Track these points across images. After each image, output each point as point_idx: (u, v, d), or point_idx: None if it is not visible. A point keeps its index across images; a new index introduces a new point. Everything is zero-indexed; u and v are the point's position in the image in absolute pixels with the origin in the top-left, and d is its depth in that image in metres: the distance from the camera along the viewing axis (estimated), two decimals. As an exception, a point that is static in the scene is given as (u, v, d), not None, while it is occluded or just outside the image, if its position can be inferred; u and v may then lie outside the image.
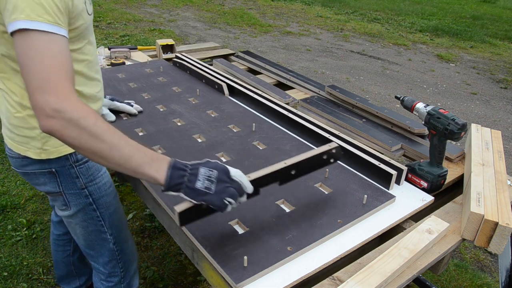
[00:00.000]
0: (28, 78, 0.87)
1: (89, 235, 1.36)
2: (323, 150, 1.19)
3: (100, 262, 1.44)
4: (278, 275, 0.98)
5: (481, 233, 1.12)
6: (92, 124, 0.87)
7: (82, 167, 1.24)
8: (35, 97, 0.86)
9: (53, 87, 0.86)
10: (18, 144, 1.16)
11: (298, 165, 1.13)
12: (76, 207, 1.28)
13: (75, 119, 0.86)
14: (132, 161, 0.90)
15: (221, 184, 0.94)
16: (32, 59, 0.87)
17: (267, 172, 1.06)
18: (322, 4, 10.62)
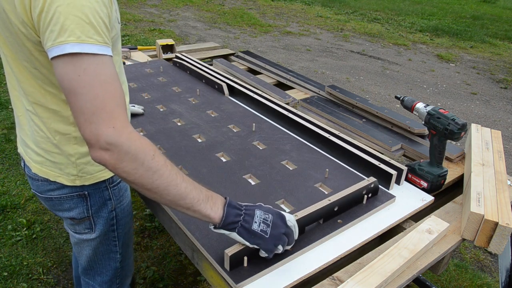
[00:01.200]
0: (78, 107, 0.78)
1: (96, 256, 1.26)
2: (363, 185, 1.21)
3: (98, 280, 1.33)
4: (278, 275, 0.98)
5: (481, 233, 1.12)
6: (150, 159, 0.81)
7: (115, 188, 1.16)
8: (88, 128, 0.78)
9: (108, 118, 0.78)
10: (47, 169, 1.06)
11: (340, 201, 1.15)
12: (100, 230, 1.19)
13: (133, 153, 0.79)
14: (187, 199, 0.87)
15: (276, 229, 0.92)
16: (84, 86, 0.78)
17: (313, 210, 1.08)
18: (322, 4, 10.62)
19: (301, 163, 1.41)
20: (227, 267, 0.96)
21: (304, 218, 1.06)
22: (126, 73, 2.11)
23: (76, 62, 0.77)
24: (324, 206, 1.10)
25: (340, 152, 1.46)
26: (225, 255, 0.94)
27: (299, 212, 1.06)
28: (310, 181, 1.31)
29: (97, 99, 0.78)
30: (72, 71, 0.77)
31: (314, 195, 1.24)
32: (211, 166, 1.37)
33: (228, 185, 1.27)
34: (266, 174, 1.34)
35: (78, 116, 0.79)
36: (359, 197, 1.21)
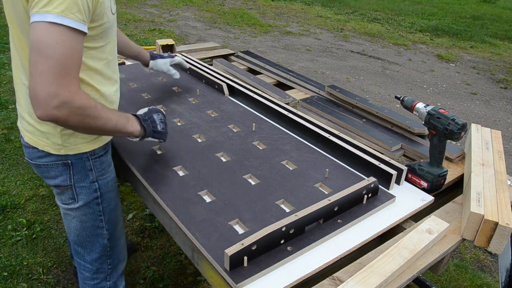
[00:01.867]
0: (43, 69, 0.89)
1: (84, 231, 1.34)
2: (363, 185, 1.20)
3: (88, 259, 1.40)
4: (278, 275, 0.98)
5: (481, 233, 1.12)
6: (93, 110, 1.01)
7: (97, 161, 1.26)
8: (47, 88, 0.90)
9: (67, 83, 0.93)
10: (37, 138, 1.18)
11: (340, 201, 1.15)
12: (83, 200, 1.28)
13: (82, 107, 0.97)
14: (117, 127, 1.13)
15: (165, 123, 1.33)
16: (55, 53, 0.90)
17: (313, 210, 1.08)
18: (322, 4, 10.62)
19: (301, 163, 1.41)
20: (227, 267, 0.96)
21: (304, 218, 1.06)
22: (126, 73, 2.11)
23: (54, 31, 0.90)
24: (324, 206, 1.10)
25: (340, 152, 1.47)
26: (225, 255, 0.94)
27: (299, 212, 1.06)
28: (310, 181, 1.31)
29: (63, 67, 0.91)
30: (49, 38, 0.89)
31: (314, 195, 1.24)
32: (211, 166, 1.37)
33: (228, 185, 1.27)
34: (266, 174, 1.34)
35: (40, 76, 0.90)
36: (359, 197, 1.21)
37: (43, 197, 2.70)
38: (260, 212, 1.16)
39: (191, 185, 1.26)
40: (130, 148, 1.45)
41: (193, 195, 1.22)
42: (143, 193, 1.35)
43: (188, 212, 1.15)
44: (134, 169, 1.34)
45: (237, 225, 1.12)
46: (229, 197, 1.21)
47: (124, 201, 2.72)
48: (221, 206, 1.17)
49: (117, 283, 1.50)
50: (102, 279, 1.45)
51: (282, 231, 1.02)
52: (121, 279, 1.52)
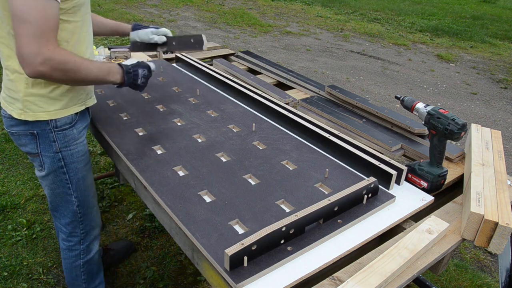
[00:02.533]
0: (25, 33, 1.05)
1: (56, 197, 1.50)
2: (363, 185, 1.20)
3: (62, 222, 1.57)
4: (278, 275, 0.98)
5: (481, 233, 1.12)
6: (73, 64, 1.18)
7: (60, 134, 1.38)
8: (30, 48, 1.06)
9: (46, 42, 1.08)
10: (7, 103, 1.34)
11: (340, 201, 1.15)
12: (49, 169, 1.42)
13: (62, 63, 1.14)
14: (99, 78, 1.31)
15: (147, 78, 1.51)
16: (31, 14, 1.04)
17: (313, 210, 1.08)
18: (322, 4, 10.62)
19: (301, 163, 1.41)
20: (227, 267, 0.96)
21: (304, 218, 1.06)
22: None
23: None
24: (324, 206, 1.10)
25: (340, 152, 1.47)
26: (225, 255, 0.94)
27: (299, 212, 1.06)
28: (310, 181, 1.31)
29: (41, 29, 1.07)
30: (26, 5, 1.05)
31: (314, 195, 1.24)
32: (211, 166, 1.37)
33: (228, 185, 1.27)
34: (266, 174, 1.34)
35: (23, 39, 1.06)
36: (359, 197, 1.21)
37: (43, 197, 2.70)
38: (260, 212, 1.16)
39: (191, 185, 1.26)
40: (130, 148, 1.45)
41: (193, 195, 1.22)
42: (143, 193, 1.35)
43: (188, 212, 1.15)
44: (134, 169, 1.35)
45: (237, 225, 1.12)
46: (229, 197, 1.21)
47: (124, 201, 2.72)
48: (221, 206, 1.17)
49: (90, 246, 1.66)
50: (76, 242, 1.62)
51: (282, 231, 1.02)
52: (94, 243, 1.67)
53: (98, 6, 8.16)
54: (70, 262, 1.66)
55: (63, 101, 1.34)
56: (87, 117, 1.49)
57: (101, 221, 1.70)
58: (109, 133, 1.54)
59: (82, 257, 1.65)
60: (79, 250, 1.63)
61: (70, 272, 1.69)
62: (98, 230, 1.69)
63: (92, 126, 1.69)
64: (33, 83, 1.27)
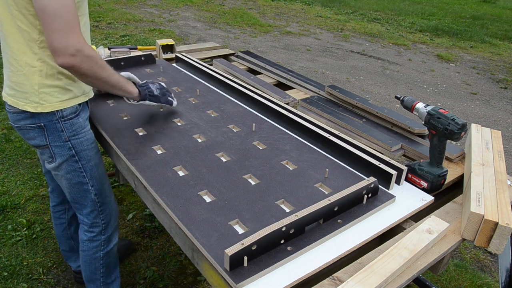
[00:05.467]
0: (54, 25, 1.11)
1: (73, 187, 1.53)
2: (363, 185, 1.20)
3: (83, 212, 1.61)
4: (278, 275, 0.98)
5: (481, 233, 1.12)
6: (99, 59, 1.25)
7: (67, 123, 1.41)
8: (61, 40, 1.12)
9: (76, 33, 1.15)
10: (17, 99, 1.34)
11: (340, 201, 1.15)
12: (61, 158, 1.45)
13: (90, 56, 1.20)
14: (120, 83, 1.40)
15: (164, 90, 1.65)
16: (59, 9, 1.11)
17: (313, 210, 1.08)
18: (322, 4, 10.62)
19: (301, 163, 1.41)
20: (227, 267, 0.96)
21: (304, 218, 1.06)
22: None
23: None
24: (324, 206, 1.10)
25: (340, 152, 1.47)
26: (225, 255, 0.94)
27: (299, 212, 1.06)
28: (310, 181, 1.31)
29: (68, 23, 1.13)
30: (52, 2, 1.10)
31: (314, 195, 1.24)
32: (211, 166, 1.37)
33: (228, 185, 1.27)
34: (266, 174, 1.34)
35: (53, 33, 1.12)
36: (359, 197, 1.21)
37: (43, 197, 2.70)
38: (260, 212, 1.16)
39: (191, 185, 1.26)
40: (130, 148, 1.45)
41: (193, 195, 1.22)
42: (143, 193, 1.35)
43: (188, 212, 1.15)
44: (134, 169, 1.35)
45: (237, 225, 1.12)
46: (229, 197, 1.21)
47: (124, 201, 2.72)
48: (221, 206, 1.17)
49: (110, 237, 1.70)
50: (98, 233, 1.65)
51: (282, 231, 1.02)
52: (114, 234, 1.72)
53: (98, 6, 8.16)
54: (91, 254, 1.68)
55: (72, 91, 1.39)
56: (87, 109, 1.53)
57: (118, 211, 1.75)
58: (109, 133, 1.54)
59: (102, 248, 1.68)
60: (100, 240, 1.67)
61: (89, 265, 1.71)
62: (117, 221, 1.74)
63: (92, 126, 1.68)
64: (46, 74, 1.31)
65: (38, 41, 1.26)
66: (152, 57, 2.26)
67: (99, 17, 7.23)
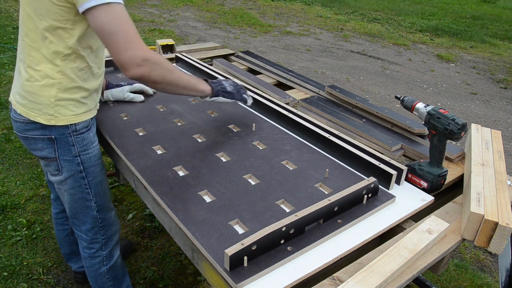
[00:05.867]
0: (117, 40, 1.12)
1: (75, 203, 1.49)
2: (363, 185, 1.20)
3: (82, 229, 1.56)
4: (278, 275, 0.98)
5: (481, 233, 1.12)
6: (167, 63, 1.24)
7: (78, 137, 1.38)
8: (127, 54, 1.13)
9: (138, 43, 1.14)
10: (29, 110, 1.30)
11: (340, 201, 1.15)
12: (68, 172, 1.41)
13: (158, 62, 1.19)
14: (191, 83, 1.36)
15: (237, 87, 1.60)
16: (119, 25, 1.11)
17: (313, 210, 1.08)
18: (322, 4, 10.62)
19: (301, 163, 1.41)
20: (227, 267, 0.96)
21: (304, 218, 1.06)
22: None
23: (110, 9, 1.10)
24: (324, 206, 1.10)
25: (340, 152, 1.47)
26: (225, 255, 0.94)
27: (299, 212, 1.06)
28: (310, 181, 1.31)
29: (129, 33, 1.13)
30: (108, 16, 1.10)
31: (314, 195, 1.24)
32: (211, 166, 1.37)
33: (228, 185, 1.27)
34: (266, 174, 1.34)
35: (119, 48, 1.12)
36: (359, 197, 1.21)
37: (43, 197, 2.70)
38: (260, 212, 1.16)
39: (191, 185, 1.26)
40: (130, 148, 1.45)
41: (193, 195, 1.22)
42: (143, 193, 1.35)
43: (188, 212, 1.15)
44: (134, 169, 1.35)
45: (237, 225, 1.12)
46: (229, 197, 1.21)
47: (124, 201, 2.72)
48: (221, 206, 1.17)
49: (112, 252, 1.64)
50: (98, 248, 1.60)
51: (282, 231, 1.02)
52: (116, 248, 1.66)
53: (98, 6, 8.14)
54: (94, 270, 1.64)
55: (86, 104, 1.36)
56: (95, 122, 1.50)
57: (119, 226, 1.68)
58: (109, 133, 1.54)
59: (105, 263, 1.63)
60: (101, 256, 1.61)
61: (96, 280, 1.67)
62: (119, 235, 1.68)
63: (92, 126, 1.69)
64: (65, 88, 1.28)
65: (62, 54, 1.24)
66: None
67: (99, 17, 7.22)
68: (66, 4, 1.16)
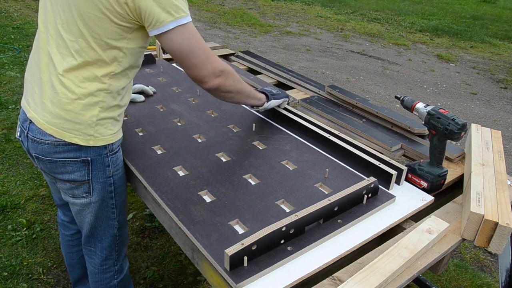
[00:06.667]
0: (195, 58, 1.18)
1: (97, 222, 1.41)
2: (363, 185, 1.20)
3: (98, 246, 1.49)
4: (278, 275, 0.98)
5: (481, 233, 1.12)
6: (235, 74, 1.31)
7: (113, 157, 1.32)
8: (206, 68, 1.20)
9: (213, 57, 1.21)
10: (64, 130, 1.20)
11: (340, 201, 1.15)
12: (98, 194, 1.34)
13: (231, 73, 1.28)
14: (252, 93, 1.47)
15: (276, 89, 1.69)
16: (196, 43, 1.17)
17: (313, 210, 1.08)
18: (322, 4, 10.62)
19: (301, 163, 1.41)
20: (227, 267, 0.96)
21: (304, 218, 1.06)
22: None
23: (187, 30, 1.15)
24: (324, 206, 1.10)
25: (340, 152, 1.47)
26: (225, 255, 0.94)
27: (299, 212, 1.06)
28: (310, 181, 1.31)
29: (205, 49, 1.19)
30: (185, 36, 1.15)
31: (314, 195, 1.24)
32: (211, 166, 1.37)
33: (228, 185, 1.27)
34: (266, 174, 1.34)
35: (198, 66, 1.19)
36: (359, 197, 1.21)
37: (43, 197, 2.70)
38: (260, 212, 1.16)
39: (191, 185, 1.26)
40: (130, 148, 1.45)
41: (193, 195, 1.22)
42: (143, 193, 1.35)
43: (188, 212, 1.15)
44: (134, 169, 1.35)
45: (237, 225, 1.12)
46: (229, 197, 1.21)
47: (124, 201, 2.72)
48: (221, 206, 1.17)
49: (122, 265, 1.60)
50: (111, 264, 1.55)
51: (282, 231, 1.02)
52: (125, 260, 1.62)
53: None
54: (104, 283, 1.58)
55: (120, 122, 1.32)
56: None
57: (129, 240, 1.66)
58: (109, 133, 1.54)
59: (116, 277, 1.59)
60: (113, 271, 1.57)
61: None
62: (127, 245, 1.63)
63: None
64: (108, 106, 1.22)
65: (111, 73, 1.18)
66: (152, 57, 2.26)
67: (99, 17, 7.22)
68: (127, 25, 1.13)
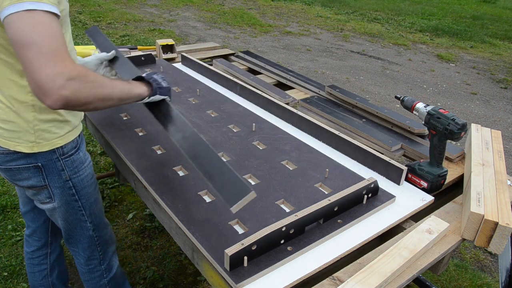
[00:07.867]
0: (33, 56, 0.88)
1: (69, 225, 1.40)
2: (363, 185, 1.20)
3: (79, 247, 1.48)
4: (278, 275, 0.98)
5: (481, 233, 1.12)
6: (93, 76, 0.99)
7: (68, 160, 1.27)
8: (44, 72, 0.87)
9: (61, 60, 0.90)
10: (6, 139, 1.17)
11: (340, 201, 1.15)
12: (60, 199, 1.31)
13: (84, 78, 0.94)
14: (125, 91, 1.12)
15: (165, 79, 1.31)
16: (39, 36, 0.89)
17: (313, 210, 1.08)
18: (322, 4, 10.62)
19: (301, 163, 1.41)
20: (227, 267, 0.96)
21: (304, 218, 1.06)
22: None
23: (32, 17, 0.89)
24: (324, 206, 1.10)
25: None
26: (225, 255, 0.94)
27: (299, 212, 1.06)
28: (310, 181, 1.31)
29: (51, 46, 0.89)
30: (28, 24, 0.88)
31: (314, 195, 1.24)
32: (211, 166, 1.36)
33: (228, 185, 1.27)
34: (266, 174, 1.34)
35: (32, 65, 0.88)
36: (359, 197, 1.21)
37: (43, 197, 2.69)
38: (260, 212, 1.16)
39: (191, 185, 1.26)
40: (130, 148, 1.45)
41: (193, 195, 1.22)
42: (143, 193, 1.35)
43: (188, 212, 1.15)
44: (134, 169, 1.34)
45: (237, 225, 1.12)
46: (229, 197, 1.21)
47: (124, 201, 2.72)
48: (221, 206, 1.17)
49: (110, 263, 1.58)
50: (96, 264, 1.54)
51: (282, 231, 1.02)
52: (114, 259, 1.60)
53: (98, 6, 8.16)
54: (94, 282, 1.57)
55: (70, 122, 1.24)
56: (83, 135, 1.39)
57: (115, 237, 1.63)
58: (109, 133, 1.54)
59: (105, 276, 1.57)
60: (100, 270, 1.56)
61: None
62: (115, 245, 1.61)
63: (92, 126, 1.68)
64: (40, 108, 1.14)
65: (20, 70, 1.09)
66: (152, 57, 2.27)
67: (99, 17, 7.23)
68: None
